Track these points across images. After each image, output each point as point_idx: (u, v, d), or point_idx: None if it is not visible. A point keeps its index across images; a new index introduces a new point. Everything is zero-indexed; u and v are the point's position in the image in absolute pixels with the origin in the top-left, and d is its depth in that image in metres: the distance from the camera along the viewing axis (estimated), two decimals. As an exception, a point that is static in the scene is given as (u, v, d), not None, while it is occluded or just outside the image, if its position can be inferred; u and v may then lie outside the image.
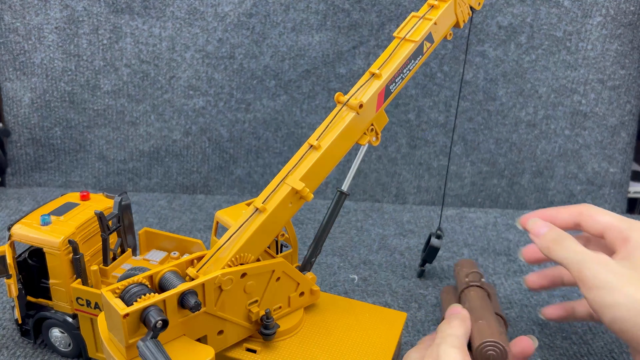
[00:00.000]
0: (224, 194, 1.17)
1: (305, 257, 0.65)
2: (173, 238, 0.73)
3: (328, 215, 0.63)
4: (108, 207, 0.68)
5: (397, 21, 1.08)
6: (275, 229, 0.59)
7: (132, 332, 0.50)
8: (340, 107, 0.59)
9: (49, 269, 0.62)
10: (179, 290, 0.52)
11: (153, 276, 0.55)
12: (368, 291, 0.85)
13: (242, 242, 0.56)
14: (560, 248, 0.60)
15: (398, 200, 1.17)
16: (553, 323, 0.79)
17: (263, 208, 0.57)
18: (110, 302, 0.50)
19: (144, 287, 0.52)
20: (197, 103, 1.12)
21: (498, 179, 1.17)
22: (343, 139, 0.59)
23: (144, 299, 0.50)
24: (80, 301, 0.62)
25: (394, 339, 0.63)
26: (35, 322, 0.67)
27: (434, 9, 0.64)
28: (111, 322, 0.52)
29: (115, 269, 0.66)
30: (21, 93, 1.09)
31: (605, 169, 1.16)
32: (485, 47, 1.09)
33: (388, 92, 0.61)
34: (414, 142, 1.15)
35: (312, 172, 0.58)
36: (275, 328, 0.60)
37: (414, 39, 0.61)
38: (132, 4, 1.06)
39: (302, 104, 1.13)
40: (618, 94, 1.12)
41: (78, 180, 1.14)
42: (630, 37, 1.08)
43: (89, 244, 0.65)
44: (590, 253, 0.57)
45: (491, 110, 1.13)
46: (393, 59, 0.61)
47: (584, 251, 0.57)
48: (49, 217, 0.64)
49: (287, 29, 1.08)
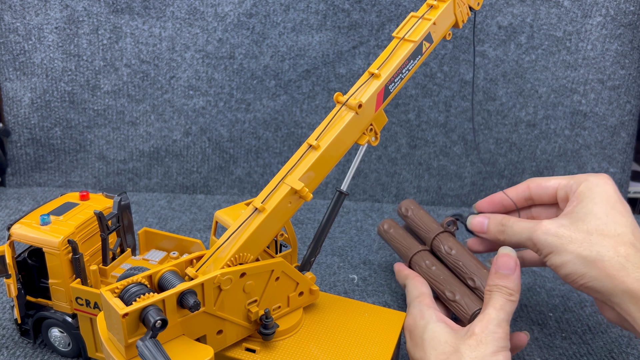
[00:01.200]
0: (224, 194, 1.17)
1: (305, 257, 0.65)
2: (172, 238, 0.73)
3: (327, 215, 0.63)
4: (107, 207, 0.68)
5: (397, 21, 1.08)
6: (275, 228, 0.59)
7: (132, 332, 0.50)
8: (340, 107, 0.59)
9: (49, 268, 0.63)
10: (178, 290, 0.52)
11: (152, 276, 0.55)
12: (368, 291, 0.85)
13: (241, 242, 0.56)
14: (508, 234, 0.66)
15: (398, 200, 1.17)
16: (553, 323, 0.79)
17: (262, 208, 0.57)
18: (109, 301, 0.50)
19: (143, 286, 0.52)
20: (197, 103, 1.12)
21: (498, 179, 1.17)
22: (342, 138, 0.59)
23: (143, 299, 0.50)
24: (79, 301, 0.62)
25: (393, 338, 0.63)
26: (34, 321, 0.67)
27: (433, 9, 0.64)
28: (110, 321, 0.52)
29: (114, 269, 0.67)
30: (21, 93, 1.09)
31: (605, 169, 1.16)
32: (485, 47, 1.09)
33: (387, 92, 0.61)
34: (414, 142, 1.15)
35: (311, 171, 0.58)
36: (275, 328, 0.60)
37: (413, 39, 0.61)
38: (132, 4, 1.06)
39: (302, 104, 1.13)
40: (618, 94, 1.12)
41: (78, 180, 1.14)
42: (630, 37, 1.08)
43: (88, 243, 0.65)
44: (533, 225, 0.63)
45: (491, 110, 1.13)
46: (392, 59, 0.61)
47: (528, 227, 0.63)
48: (48, 217, 0.64)
49: (287, 29, 1.08)
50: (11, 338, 0.70)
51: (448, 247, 0.74)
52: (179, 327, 0.54)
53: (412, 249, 0.78)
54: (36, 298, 0.66)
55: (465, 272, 0.70)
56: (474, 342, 0.55)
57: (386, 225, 0.84)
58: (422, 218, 0.80)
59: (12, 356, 0.68)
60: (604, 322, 0.80)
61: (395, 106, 1.12)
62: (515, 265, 0.61)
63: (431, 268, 0.74)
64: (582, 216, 0.60)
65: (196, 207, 1.10)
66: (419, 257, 0.76)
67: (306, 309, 0.66)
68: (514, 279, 0.60)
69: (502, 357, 0.54)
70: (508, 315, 0.58)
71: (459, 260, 0.72)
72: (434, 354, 0.57)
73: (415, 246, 0.78)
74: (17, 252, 0.66)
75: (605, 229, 0.58)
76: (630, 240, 0.58)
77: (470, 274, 0.69)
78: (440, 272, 0.72)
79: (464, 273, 0.70)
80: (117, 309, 0.49)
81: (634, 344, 0.76)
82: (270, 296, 0.61)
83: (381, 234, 0.85)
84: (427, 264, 0.74)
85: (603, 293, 0.58)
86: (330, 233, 1.01)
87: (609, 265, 0.56)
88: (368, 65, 1.11)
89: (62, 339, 0.67)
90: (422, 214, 0.81)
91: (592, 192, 0.62)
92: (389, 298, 0.83)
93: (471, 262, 0.71)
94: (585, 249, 0.58)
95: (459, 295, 0.68)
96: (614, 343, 0.76)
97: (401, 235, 0.81)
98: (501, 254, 0.63)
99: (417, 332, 0.61)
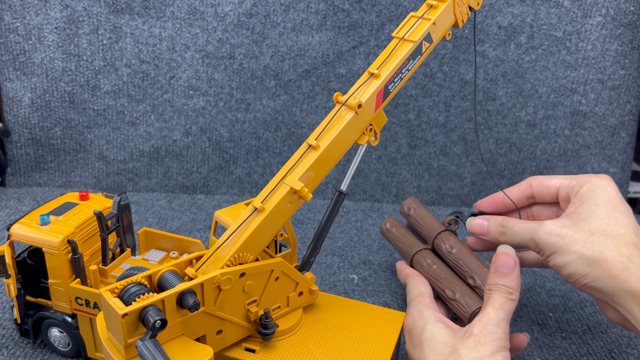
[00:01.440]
0: (224, 194, 1.17)
1: (304, 257, 0.65)
2: (172, 238, 0.73)
3: (327, 215, 0.63)
4: (107, 207, 0.68)
5: (397, 21, 1.08)
6: (274, 228, 0.59)
7: (131, 332, 0.50)
8: (339, 107, 0.59)
9: (48, 268, 0.62)
10: (177, 290, 0.52)
11: (152, 276, 0.55)
12: (368, 291, 0.85)
13: (241, 242, 0.56)
14: (509, 235, 0.66)
15: (398, 200, 1.17)
16: (553, 323, 0.79)
17: (262, 208, 0.57)
18: (109, 301, 0.50)
19: (142, 286, 0.52)
20: (197, 103, 1.12)
21: (498, 179, 1.17)
22: (342, 138, 0.59)
23: (143, 299, 0.50)
24: (79, 301, 0.62)
25: (392, 338, 0.62)
26: (34, 321, 0.67)
27: (433, 9, 0.64)
28: (110, 321, 0.52)
29: (114, 269, 0.66)
30: (21, 93, 1.09)
31: (605, 169, 1.16)
32: (485, 47, 1.09)
33: (387, 92, 0.61)
34: (414, 142, 1.15)
35: (310, 171, 0.58)
36: (274, 328, 0.60)
37: (413, 39, 0.61)
38: (132, 4, 1.06)
39: (302, 104, 1.13)
40: (618, 94, 1.12)
41: (78, 180, 1.14)
42: (630, 37, 1.08)
43: (87, 243, 0.65)
44: (535, 226, 0.62)
45: (491, 110, 1.13)
46: (392, 58, 0.61)
47: (530, 227, 0.63)
48: (48, 217, 0.64)
49: (287, 29, 1.08)
50: (11, 338, 0.70)
51: (449, 246, 0.74)
52: (179, 327, 0.54)
53: (414, 247, 0.78)
54: (36, 298, 0.66)
55: (465, 271, 0.70)
56: (472, 342, 0.55)
57: (388, 224, 0.84)
58: (424, 217, 0.80)
59: (12, 356, 0.68)
60: (604, 322, 0.80)
61: (395, 106, 1.12)
62: (515, 264, 0.61)
63: (432, 267, 0.74)
64: (585, 217, 0.60)
65: (196, 207, 1.10)
66: (420, 255, 0.76)
67: (306, 309, 0.66)
68: (513, 278, 0.60)
69: (500, 357, 0.54)
70: (508, 314, 0.58)
71: (459, 259, 0.72)
72: (432, 355, 0.57)
73: (417, 245, 0.78)
74: (16, 252, 0.66)
75: (608, 229, 0.58)
76: (632, 241, 0.58)
77: (470, 273, 0.69)
78: (440, 271, 0.72)
79: (464, 272, 0.70)
80: (117, 309, 0.49)
81: (634, 344, 0.76)
82: (270, 296, 0.61)
83: (383, 233, 0.85)
84: (428, 262, 0.74)
85: (606, 293, 0.57)
86: (330, 233, 1.01)
87: (612, 265, 0.56)
88: (368, 65, 1.11)
89: (61, 339, 0.67)
90: (424, 213, 0.81)
91: (595, 193, 0.62)
92: (389, 298, 0.83)
93: (472, 260, 0.71)
94: (588, 249, 0.58)
95: (459, 294, 0.68)
96: (614, 343, 0.76)
97: (403, 234, 0.81)
98: (500, 252, 0.63)
99: (415, 333, 0.61)
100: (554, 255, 0.60)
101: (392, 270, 0.90)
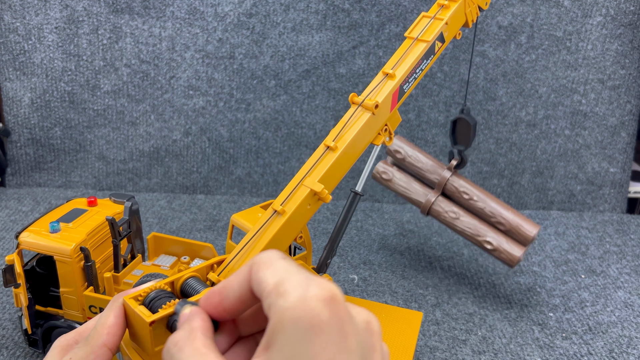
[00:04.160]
0: (224, 194, 1.17)
1: (321, 259, 0.65)
2: (182, 242, 0.72)
3: (342, 216, 0.63)
4: (117, 212, 0.67)
5: (397, 21, 1.08)
6: (294, 231, 0.58)
7: (158, 341, 0.49)
8: (356, 107, 0.60)
9: (60, 277, 0.61)
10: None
11: (174, 282, 0.54)
12: (368, 291, 0.85)
13: (262, 245, 0.56)
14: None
15: (398, 200, 1.17)
16: (553, 323, 0.79)
17: (282, 210, 0.57)
18: (134, 309, 0.49)
19: (167, 293, 0.52)
20: (197, 103, 1.12)
21: (498, 179, 1.17)
22: (359, 139, 0.59)
23: (169, 305, 0.50)
24: (93, 309, 0.61)
25: (412, 339, 0.62)
26: (44, 331, 0.66)
27: (444, 8, 0.65)
28: (133, 330, 0.51)
29: (126, 276, 0.66)
30: (21, 93, 1.09)
31: (605, 169, 1.16)
32: (485, 47, 1.09)
33: (402, 92, 0.62)
34: (414, 142, 1.15)
35: (330, 173, 0.58)
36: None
37: (426, 38, 0.62)
38: (132, 4, 1.06)
39: (302, 104, 1.13)
40: (618, 93, 1.12)
41: (78, 181, 1.14)
42: (630, 37, 1.08)
43: (98, 250, 0.64)
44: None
45: (491, 110, 1.13)
46: (406, 59, 0.62)
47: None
48: (58, 224, 0.63)
49: (287, 29, 1.08)
50: (11, 338, 0.70)
51: (467, 194, 0.70)
52: None
53: (425, 196, 0.73)
54: (45, 307, 0.65)
55: (492, 216, 0.67)
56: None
57: (381, 169, 0.79)
58: (421, 159, 0.76)
59: (12, 356, 0.68)
60: (605, 322, 0.80)
61: (395, 106, 1.13)
62: None
63: (460, 219, 0.70)
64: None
65: (196, 207, 1.10)
66: (438, 207, 0.72)
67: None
68: None
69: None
70: None
71: (483, 205, 0.68)
72: None
73: (425, 192, 0.74)
74: (24, 261, 0.65)
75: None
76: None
77: (498, 218, 0.66)
78: (469, 222, 0.69)
79: (491, 217, 0.67)
80: (144, 316, 0.48)
81: (634, 344, 0.76)
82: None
83: (379, 181, 0.80)
84: (451, 216, 0.70)
85: None
86: (330, 233, 1.01)
87: None
88: (368, 65, 1.11)
89: (71, 347, 0.66)
90: (418, 154, 0.77)
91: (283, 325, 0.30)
92: (389, 298, 0.83)
93: (494, 203, 0.67)
94: None
95: (497, 242, 0.66)
96: (615, 343, 0.76)
97: (405, 181, 0.77)
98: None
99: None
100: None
101: (392, 270, 0.90)
